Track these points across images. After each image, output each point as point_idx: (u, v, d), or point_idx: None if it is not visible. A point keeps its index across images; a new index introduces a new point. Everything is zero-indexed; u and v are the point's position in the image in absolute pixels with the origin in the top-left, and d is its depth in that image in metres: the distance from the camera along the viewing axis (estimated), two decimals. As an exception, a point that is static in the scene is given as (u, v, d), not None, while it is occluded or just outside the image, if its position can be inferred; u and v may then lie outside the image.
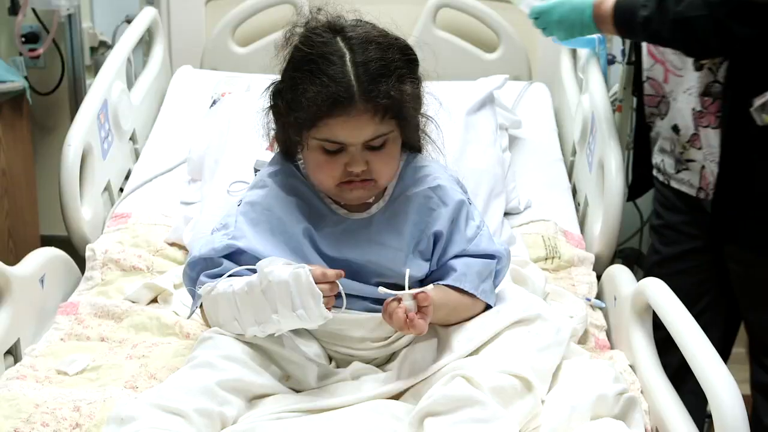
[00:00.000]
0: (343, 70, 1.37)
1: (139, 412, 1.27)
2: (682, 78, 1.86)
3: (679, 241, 2.01)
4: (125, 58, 2.35)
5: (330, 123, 1.38)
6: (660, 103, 1.96)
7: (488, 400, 1.30)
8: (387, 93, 1.38)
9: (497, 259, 1.54)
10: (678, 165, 1.94)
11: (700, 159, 1.87)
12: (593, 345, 1.70)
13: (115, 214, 2.12)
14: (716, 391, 1.23)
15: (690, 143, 1.88)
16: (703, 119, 1.83)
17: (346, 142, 1.40)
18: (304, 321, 1.36)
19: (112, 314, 1.74)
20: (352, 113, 1.37)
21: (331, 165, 1.43)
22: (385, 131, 1.42)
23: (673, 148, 1.94)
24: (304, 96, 1.38)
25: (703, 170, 1.87)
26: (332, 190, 1.47)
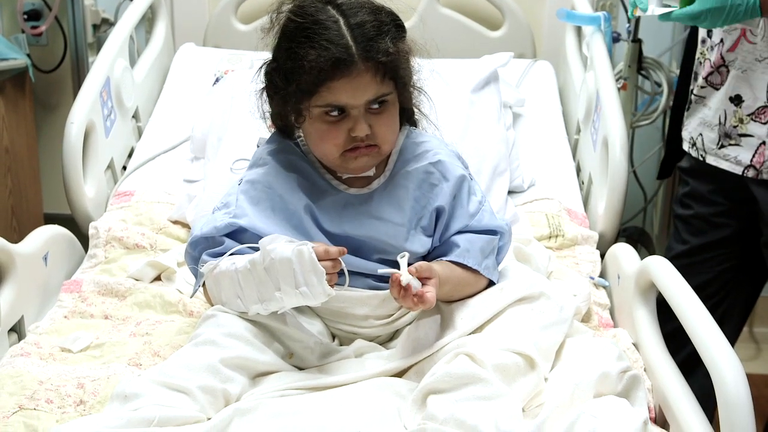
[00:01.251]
0: (340, 33, 1.38)
1: (142, 389, 1.28)
2: (755, 45, 1.78)
3: (709, 232, 1.99)
4: (128, 36, 2.34)
5: (332, 86, 1.39)
6: (713, 73, 1.88)
7: (491, 377, 1.30)
8: (386, 50, 1.39)
9: (500, 234, 1.54)
10: (725, 139, 1.86)
11: (762, 134, 1.79)
12: (596, 323, 1.70)
13: (118, 192, 2.12)
14: (719, 368, 1.23)
15: (753, 116, 1.80)
16: None
17: (349, 104, 1.40)
18: (307, 298, 1.36)
19: (116, 292, 1.74)
20: (353, 74, 1.38)
21: (334, 133, 1.42)
22: (386, 91, 1.43)
23: (723, 121, 1.86)
24: (305, 60, 1.38)
25: (761, 147, 1.80)
26: (336, 161, 1.46)
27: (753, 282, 2.05)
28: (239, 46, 2.54)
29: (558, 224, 1.99)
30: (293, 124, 1.51)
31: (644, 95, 2.63)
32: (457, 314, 1.47)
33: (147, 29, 2.67)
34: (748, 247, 1.96)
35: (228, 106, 2.15)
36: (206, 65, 2.46)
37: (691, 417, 1.35)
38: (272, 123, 1.56)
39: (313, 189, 1.50)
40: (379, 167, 1.53)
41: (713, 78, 1.88)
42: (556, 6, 2.47)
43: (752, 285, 2.06)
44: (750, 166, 1.83)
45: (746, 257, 1.98)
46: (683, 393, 1.41)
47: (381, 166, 1.53)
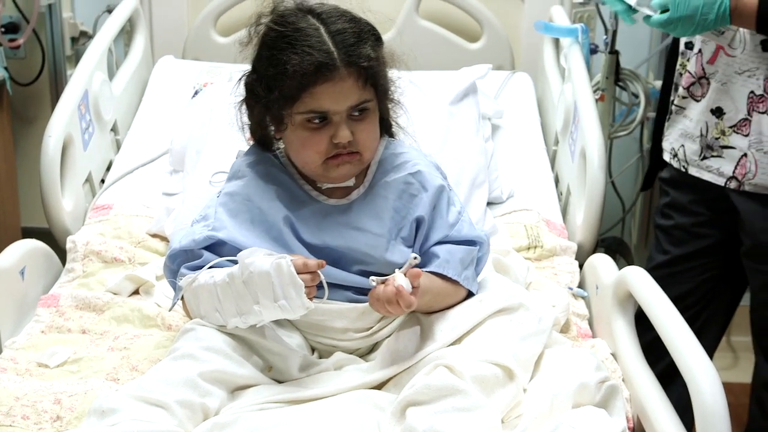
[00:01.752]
0: (321, 39, 1.40)
1: (120, 404, 1.27)
2: (734, 59, 1.79)
3: (690, 242, 2.00)
4: (106, 49, 2.34)
5: (315, 92, 1.39)
6: (695, 84, 1.89)
7: (470, 389, 1.30)
8: (367, 56, 1.41)
9: (479, 245, 1.55)
10: (707, 151, 1.87)
11: (743, 146, 1.81)
12: (575, 334, 1.71)
13: (96, 206, 2.11)
14: (696, 379, 1.23)
15: (735, 128, 1.81)
16: (761, 104, 1.77)
17: (332, 110, 1.41)
18: (286, 311, 1.36)
19: (94, 306, 1.73)
20: (336, 79, 1.39)
21: (316, 140, 1.43)
22: (368, 98, 1.44)
23: (705, 133, 1.87)
24: (288, 65, 1.38)
25: (743, 158, 1.81)
26: (318, 169, 1.47)
27: (733, 291, 2.06)
28: (218, 59, 2.54)
29: (537, 235, 1.99)
30: (272, 135, 1.51)
31: (622, 106, 2.64)
32: (437, 326, 1.47)
33: (126, 42, 2.66)
34: (728, 257, 1.98)
35: (207, 119, 2.14)
36: (185, 78, 2.46)
37: (669, 427, 1.36)
38: (251, 135, 1.56)
39: (292, 200, 1.50)
40: (359, 178, 1.53)
41: (694, 89, 1.90)
42: (535, 18, 2.49)
43: (732, 294, 2.07)
44: (732, 177, 1.84)
45: (726, 267, 2.00)
46: (661, 403, 1.42)
47: (360, 176, 1.53)
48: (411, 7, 2.60)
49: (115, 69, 2.54)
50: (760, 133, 1.78)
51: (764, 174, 1.79)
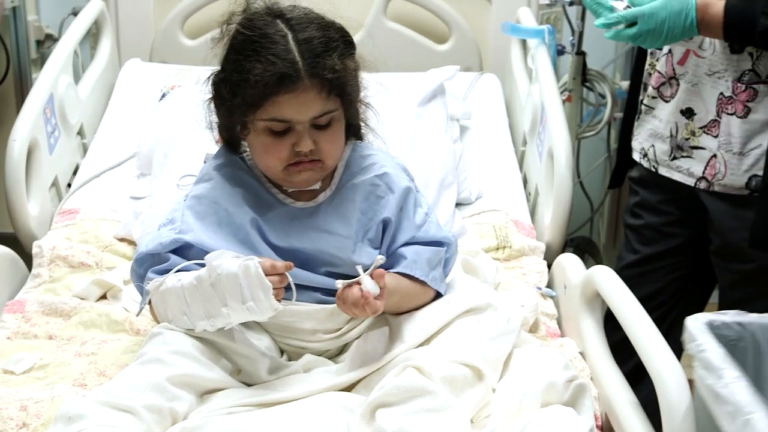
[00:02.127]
0: (287, 48, 1.38)
1: (87, 410, 1.26)
2: (704, 60, 1.80)
3: (659, 241, 2.01)
4: (72, 51, 2.32)
5: (277, 101, 1.38)
6: (664, 84, 1.90)
7: (439, 389, 1.30)
8: (332, 68, 1.40)
9: (446, 246, 1.55)
10: (677, 151, 1.89)
11: (713, 147, 1.82)
12: (544, 333, 1.72)
13: (62, 210, 2.09)
14: (662, 377, 1.25)
15: (704, 129, 1.82)
16: (730, 106, 1.78)
17: (294, 120, 1.40)
18: (254, 313, 1.35)
19: (61, 312, 1.72)
20: (299, 90, 1.38)
21: (278, 147, 1.42)
22: (332, 108, 1.43)
23: (675, 134, 1.88)
24: (251, 74, 1.37)
25: (712, 159, 1.82)
26: (280, 174, 1.46)
27: (702, 290, 2.08)
28: (186, 62, 2.53)
29: (505, 235, 2.00)
30: (239, 136, 1.51)
31: (589, 107, 2.67)
32: (405, 327, 1.47)
33: (92, 45, 2.64)
34: (697, 256, 1.99)
35: (174, 122, 2.13)
36: (152, 81, 2.44)
37: (636, 425, 1.37)
38: (219, 134, 1.55)
39: (259, 203, 1.50)
40: (326, 180, 1.53)
41: (664, 90, 1.91)
42: (502, 20, 2.50)
43: (701, 293, 2.09)
44: (702, 178, 1.85)
45: (696, 266, 2.01)
46: (629, 401, 1.43)
47: (327, 179, 1.53)
48: (379, 9, 2.60)
49: (81, 72, 2.52)
50: (729, 134, 1.79)
51: (733, 175, 1.81)
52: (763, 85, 1.74)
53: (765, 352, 1.34)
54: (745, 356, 1.34)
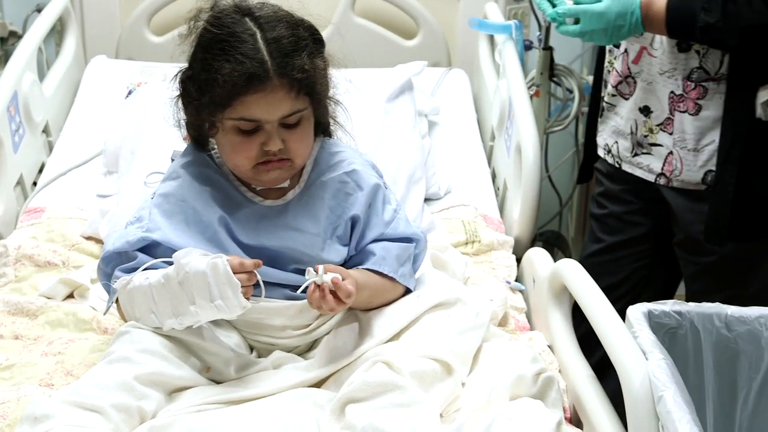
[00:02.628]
0: (256, 47, 1.38)
1: (53, 410, 1.25)
2: (656, 59, 1.83)
3: (623, 230, 2.03)
4: (36, 48, 2.30)
5: (246, 100, 1.38)
6: (622, 83, 1.92)
7: (409, 384, 1.31)
8: (301, 67, 1.39)
9: (415, 242, 1.56)
10: (637, 148, 1.91)
11: (669, 144, 1.85)
12: (513, 327, 1.73)
13: (28, 209, 2.07)
14: (626, 369, 1.26)
15: (660, 126, 1.86)
16: (681, 104, 1.81)
17: (263, 119, 1.40)
18: (223, 311, 1.35)
19: (27, 311, 1.70)
20: (267, 89, 1.38)
21: (247, 145, 1.42)
22: (300, 107, 1.42)
23: (635, 131, 1.91)
24: (219, 73, 1.37)
25: (669, 156, 1.85)
26: (249, 173, 1.46)
27: (666, 281, 2.11)
28: (152, 58, 2.51)
29: (474, 230, 2.01)
30: (207, 133, 1.50)
31: (556, 101, 2.68)
32: (375, 322, 1.47)
33: (57, 42, 2.62)
34: (661, 247, 2.02)
35: (141, 119, 2.12)
36: (118, 78, 2.43)
37: (603, 416, 1.38)
38: (187, 132, 1.54)
39: (227, 201, 1.50)
40: (294, 178, 1.53)
41: (622, 88, 1.93)
42: (470, 15, 2.51)
43: (665, 284, 2.11)
44: (661, 174, 1.88)
45: (659, 256, 2.04)
46: (596, 393, 1.45)
47: (296, 177, 1.53)
48: (347, 5, 2.60)
49: (45, 69, 2.50)
50: (682, 131, 1.82)
51: (689, 171, 1.83)
52: (712, 82, 1.77)
53: (704, 338, 1.42)
54: (686, 343, 1.42)
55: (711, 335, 1.42)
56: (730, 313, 1.42)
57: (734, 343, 1.42)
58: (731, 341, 1.42)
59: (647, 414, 1.21)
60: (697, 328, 1.42)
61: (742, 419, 1.45)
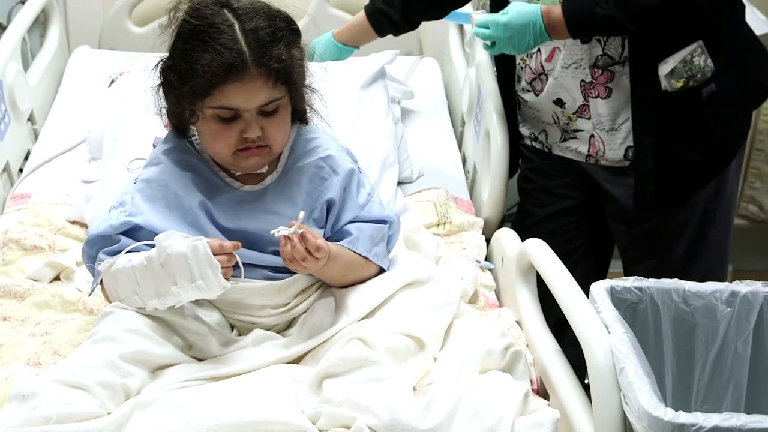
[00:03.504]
0: (234, 38, 1.37)
1: (41, 388, 1.24)
2: (561, 53, 1.88)
3: (553, 203, 2.07)
4: (20, 39, 2.27)
5: (225, 90, 1.37)
6: (535, 80, 1.97)
7: (383, 359, 1.31)
8: (278, 57, 1.39)
9: (389, 224, 1.56)
10: (565, 134, 1.97)
11: (589, 128, 1.90)
12: (483, 304, 1.73)
13: (15, 195, 2.05)
14: (589, 341, 1.27)
15: (577, 114, 1.91)
16: (593, 90, 1.86)
17: (241, 108, 1.39)
18: (203, 292, 1.35)
19: (14, 293, 1.68)
20: (246, 79, 1.37)
21: (226, 133, 1.41)
22: (278, 96, 1.42)
23: (557, 120, 1.96)
24: (198, 64, 1.36)
25: (591, 139, 1.91)
26: (228, 159, 1.45)
27: (600, 256, 2.14)
28: (134, 48, 2.49)
29: (445, 212, 2.01)
30: (188, 121, 1.49)
31: (524, 88, 2.68)
32: (350, 300, 1.47)
33: (41, 32, 2.58)
34: (593, 219, 2.04)
35: (124, 107, 2.10)
36: (101, 67, 2.40)
37: (568, 387, 1.40)
38: (168, 120, 1.53)
39: (208, 187, 1.49)
40: (272, 164, 1.52)
41: (535, 84, 1.98)
42: (440, 5, 2.50)
43: (599, 259, 2.14)
44: (588, 155, 1.94)
45: (593, 230, 2.07)
46: (561, 365, 1.46)
47: (273, 163, 1.53)
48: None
49: (30, 59, 2.47)
50: (598, 114, 1.88)
51: (611, 150, 1.89)
52: (617, 65, 1.83)
53: (663, 312, 1.44)
54: (646, 317, 1.44)
55: (670, 309, 1.44)
56: (687, 288, 1.44)
57: (691, 317, 1.44)
58: (688, 315, 1.44)
59: (610, 384, 1.22)
60: (656, 302, 1.43)
61: (699, 388, 1.47)
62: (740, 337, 1.43)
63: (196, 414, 1.24)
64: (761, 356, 1.44)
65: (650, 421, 1.12)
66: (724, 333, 1.44)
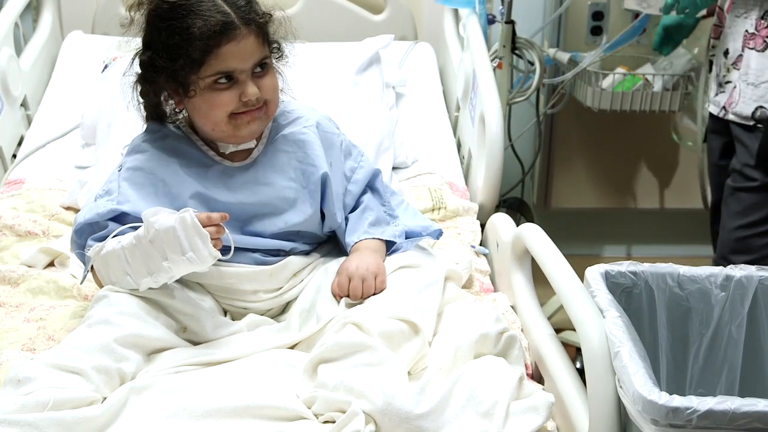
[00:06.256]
0: (216, 3, 1.42)
1: (36, 373, 1.24)
2: (739, 3, 1.90)
3: None
4: (12, 24, 2.26)
5: (220, 53, 1.40)
6: (720, 34, 2.00)
7: (378, 344, 1.31)
8: (261, 13, 1.45)
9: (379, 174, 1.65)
10: (718, 88, 1.99)
11: (735, 79, 1.92)
12: (478, 289, 1.73)
13: (8, 181, 2.05)
14: (584, 326, 1.27)
15: (733, 65, 1.92)
16: (752, 41, 1.87)
17: (237, 69, 1.42)
18: (194, 264, 1.35)
19: (9, 279, 1.68)
20: (239, 38, 1.41)
21: (225, 99, 1.44)
22: (267, 54, 1.47)
23: (719, 72, 1.98)
24: (192, 28, 1.39)
25: (733, 90, 1.92)
26: (227, 129, 1.46)
27: None
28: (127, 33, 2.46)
29: (440, 197, 2.01)
30: (165, 111, 1.50)
31: (519, 73, 2.67)
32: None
33: (33, 17, 2.57)
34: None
35: (117, 93, 2.07)
36: (95, 52, 2.39)
37: (563, 372, 1.40)
38: (145, 113, 1.53)
39: (198, 168, 1.50)
40: (257, 139, 1.54)
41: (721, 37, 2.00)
42: (435, -10, 2.50)
43: None
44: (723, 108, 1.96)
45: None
46: (557, 350, 1.46)
47: (258, 137, 1.54)
48: (317, -20, 2.57)
49: (23, 44, 2.45)
50: (747, 66, 1.88)
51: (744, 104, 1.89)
52: None
53: (657, 297, 1.44)
54: (641, 301, 1.44)
55: (664, 294, 1.44)
56: (682, 272, 1.44)
57: (686, 301, 1.44)
58: (683, 299, 1.44)
59: (604, 368, 1.22)
60: (651, 287, 1.44)
61: (693, 372, 1.47)
62: (734, 321, 1.44)
63: (191, 399, 1.24)
64: (755, 340, 1.44)
65: (645, 405, 1.12)
66: (718, 317, 1.44)
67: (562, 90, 2.69)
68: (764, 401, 1.11)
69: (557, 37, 2.78)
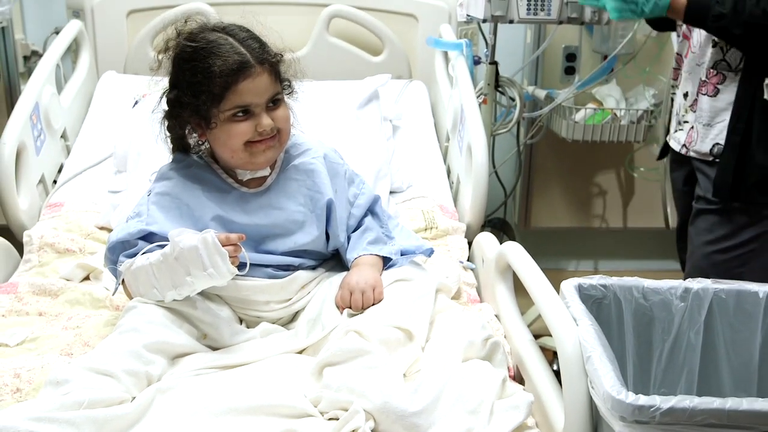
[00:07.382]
0: (233, 46, 1.43)
1: (72, 375, 1.24)
2: (695, 54, 1.90)
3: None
4: (54, 65, 2.27)
5: (238, 89, 1.41)
6: (678, 77, 2.00)
7: (377, 350, 1.31)
8: (273, 54, 1.47)
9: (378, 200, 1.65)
10: (677, 125, 1.99)
11: (692, 120, 1.92)
12: (465, 300, 1.73)
13: (49, 204, 2.05)
14: (560, 333, 1.27)
15: (690, 107, 1.93)
16: (703, 88, 1.87)
17: (253, 103, 1.43)
18: (215, 278, 1.36)
19: (49, 291, 1.69)
20: (254, 75, 1.43)
21: (243, 129, 1.45)
22: (279, 90, 1.48)
23: (678, 111, 1.99)
24: (213, 67, 1.41)
25: (690, 130, 1.92)
26: (245, 156, 1.47)
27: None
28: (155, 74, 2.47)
29: (432, 218, 2.02)
30: (189, 143, 1.52)
31: (501, 108, 2.69)
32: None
33: (72, 59, 2.58)
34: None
35: (146, 126, 2.09)
36: (126, 90, 2.40)
37: (542, 374, 1.40)
38: (172, 146, 1.55)
39: (218, 193, 1.51)
40: (271, 168, 1.55)
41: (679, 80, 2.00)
42: (427, 35, 2.52)
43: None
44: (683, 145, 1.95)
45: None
46: (535, 354, 1.46)
47: (272, 166, 1.55)
48: (322, 26, 2.58)
49: (63, 83, 2.46)
50: (701, 109, 1.88)
51: (702, 143, 1.88)
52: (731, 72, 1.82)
53: (625, 307, 1.45)
54: (610, 311, 1.45)
55: (631, 304, 1.44)
56: (646, 285, 1.45)
57: (650, 311, 1.44)
58: (647, 309, 1.44)
59: (578, 371, 1.22)
60: (619, 298, 1.44)
61: (656, 373, 1.47)
62: (693, 328, 1.44)
63: (211, 398, 1.24)
64: (711, 345, 1.44)
65: (613, 404, 1.13)
66: (678, 325, 1.44)
67: (540, 123, 2.70)
68: (719, 400, 1.11)
69: (535, 76, 2.80)
